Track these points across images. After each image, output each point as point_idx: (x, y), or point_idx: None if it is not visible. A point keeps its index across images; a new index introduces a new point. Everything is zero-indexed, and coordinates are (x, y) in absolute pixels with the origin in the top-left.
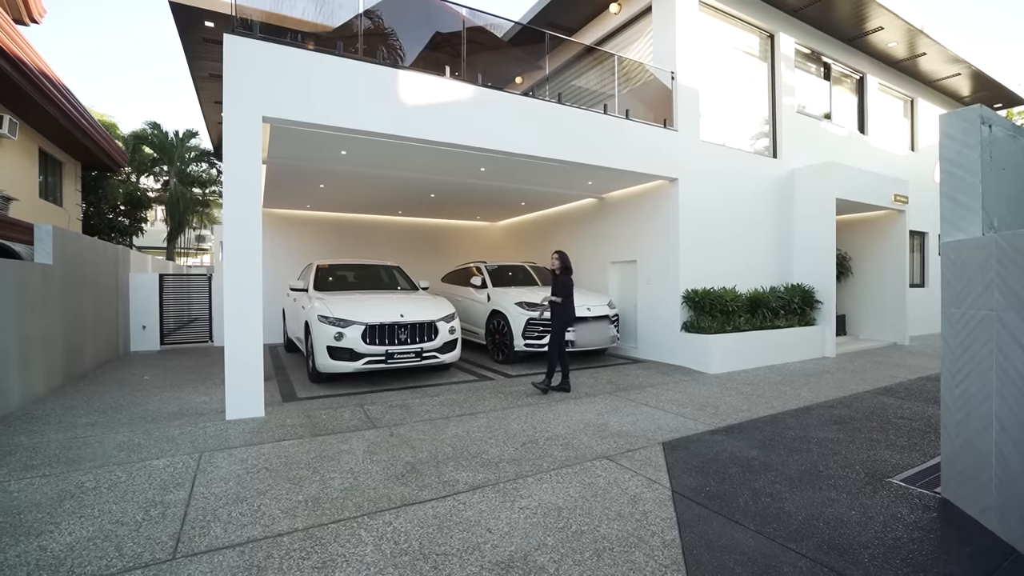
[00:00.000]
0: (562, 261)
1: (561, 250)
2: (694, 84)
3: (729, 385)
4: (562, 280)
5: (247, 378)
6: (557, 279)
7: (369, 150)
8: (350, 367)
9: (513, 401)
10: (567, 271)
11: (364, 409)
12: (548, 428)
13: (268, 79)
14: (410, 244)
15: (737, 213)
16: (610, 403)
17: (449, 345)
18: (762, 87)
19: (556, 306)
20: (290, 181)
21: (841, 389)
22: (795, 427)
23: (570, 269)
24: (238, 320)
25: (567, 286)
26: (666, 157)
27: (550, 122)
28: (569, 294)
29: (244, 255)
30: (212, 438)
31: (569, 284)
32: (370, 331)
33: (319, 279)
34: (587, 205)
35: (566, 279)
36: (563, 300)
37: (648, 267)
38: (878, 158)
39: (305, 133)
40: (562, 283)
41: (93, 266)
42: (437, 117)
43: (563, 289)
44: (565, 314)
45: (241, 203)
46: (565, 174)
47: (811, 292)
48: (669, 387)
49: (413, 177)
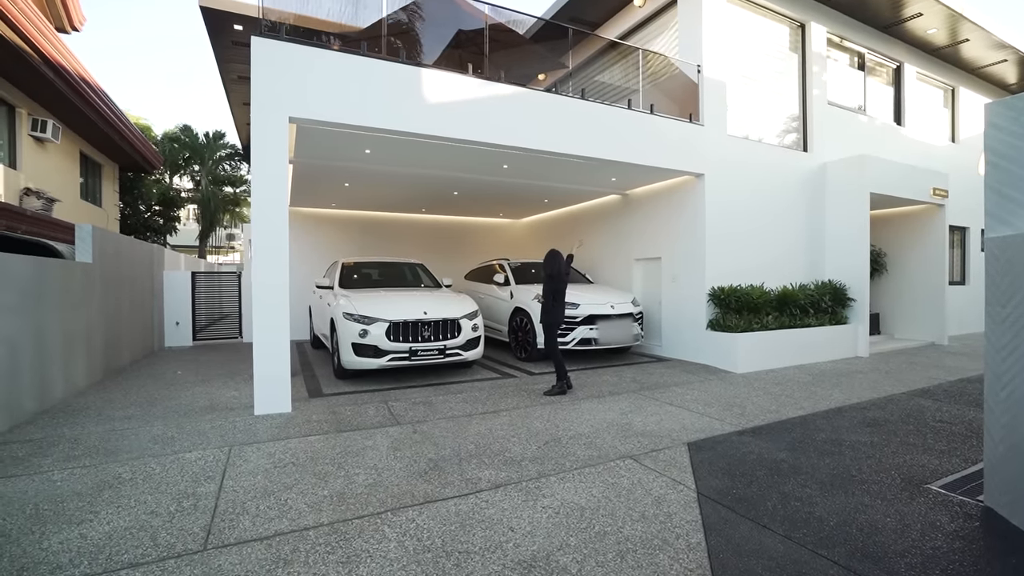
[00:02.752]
0: (544, 264)
1: (554, 249)
2: (721, 77)
3: (756, 385)
4: (544, 284)
5: (275, 375)
6: (544, 278)
7: (393, 149)
8: (374, 364)
9: (535, 400)
10: (551, 278)
11: (388, 406)
12: (571, 427)
13: (294, 80)
14: (434, 242)
15: (765, 208)
16: (634, 402)
17: (472, 343)
18: (792, 79)
19: (545, 307)
20: (316, 180)
21: (874, 390)
22: (826, 429)
23: (555, 271)
24: (266, 318)
25: (548, 290)
26: (692, 152)
27: (573, 118)
28: (557, 295)
29: (272, 253)
30: (241, 432)
31: (549, 287)
32: (394, 328)
33: (344, 276)
34: (611, 202)
35: (545, 283)
36: (551, 300)
37: (673, 264)
38: (915, 150)
39: (330, 133)
40: (544, 286)
41: (130, 264)
42: (460, 115)
43: (547, 291)
44: (551, 314)
45: (269, 203)
46: (588, 170)
47: (843, 289)
48: (694, 386)
49: (436, 175)
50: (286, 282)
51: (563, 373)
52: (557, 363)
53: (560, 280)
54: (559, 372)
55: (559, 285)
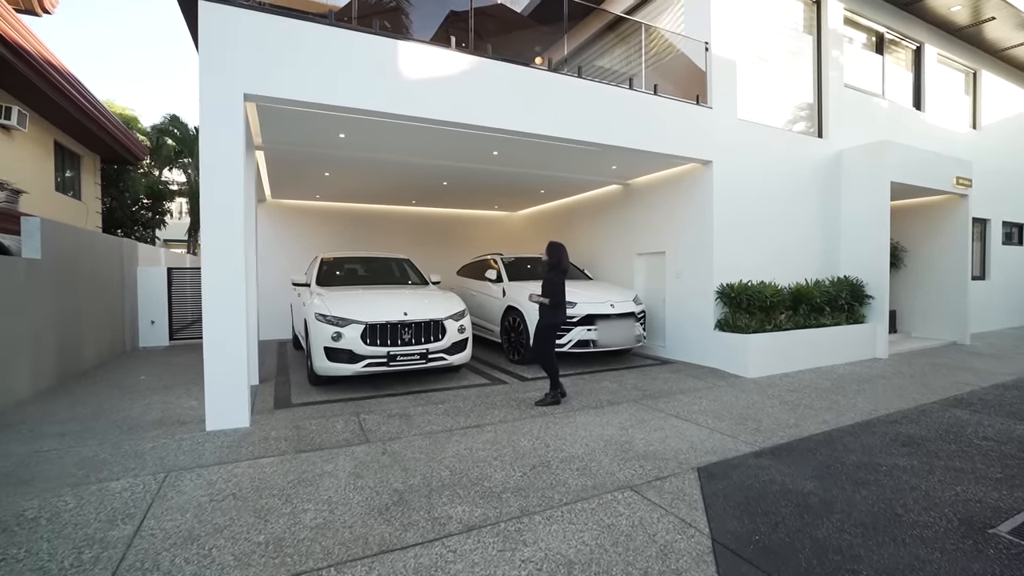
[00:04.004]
0: (550, 255)
1: (556, 241)
2: (731, 55)
3: (770, 392)
4: (550, 279)
5: (230, 385)
6: (545, 277)
7: (370, 133)
8: (349, 370)
9: (525, 411)
10: (557, 268)
11: (359, 419)
12: (563, 446)
13: (250, 52)
14: (425, 235)
15: (777, 198)
16: (635, 414)
17: (458, 345)
18: (806, 60)
19: (543, 306)
20: (292, 169)
21: (902, 398)
22: (856, 449)
23: (561, 266)
24: (218, 321)
25: (556, 286)
26: (699, 137)
27: (568, 99)
28: (559, 295)
29: (225, 248)
30: (185, 454)
31: (559, 284)
32: (370, 331)
33: (323, 273)
34: (611, 192)
35: (555, 278)
36: (552, 301)
37: (678, 259)
38: (936, 137)
39: (297, 113)
40: (550, 282)
41: (93, 260)
42: (442, 94)
43: (551, 289)
44: (554, 315)
45: (220, 190)
46: (587, 158)
47: (860, 286)
48: (702, 394)
49: (421, 163)
50: (241, 281)
51: (557, 381)
52: (550, 370)
53: (563, 275)
54: (552, 380)
55: (561, 280)
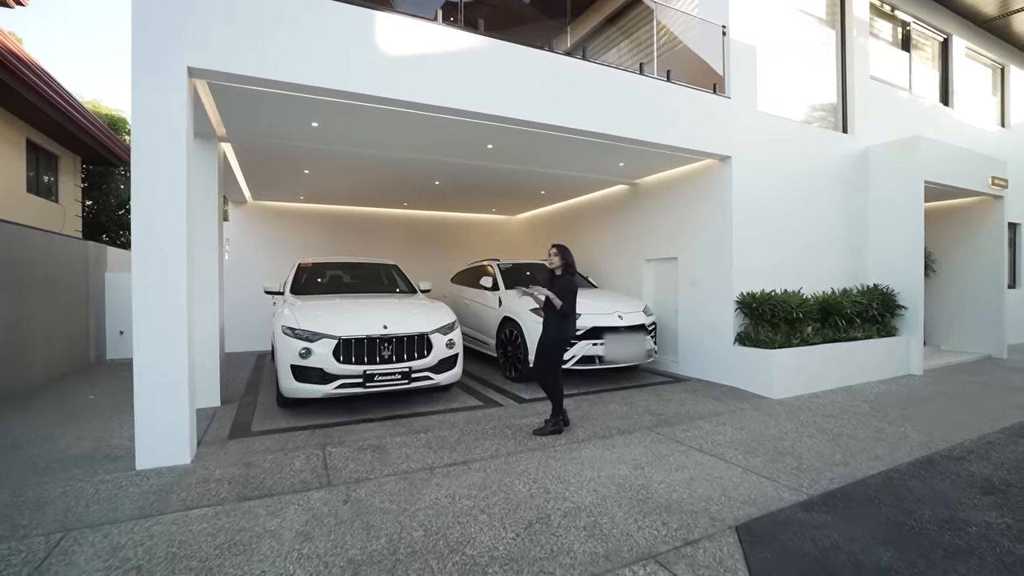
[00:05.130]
0: (563, 256)
1: (560, 243)
2: (750, 41)
3: (803, 417)
4: (564, 281)
5: (168, 414)
6: (557, 280)
7: (346, 121)
8: (319, 392)
9: (522, 442)
10: (571, 270)
11: (325, 453)
12: (566, 491)
13: (195, 15)
14: (418, 240)
15: (799, 199)
16: (651, 446)
17: (447, 363)
18: (829, 50)
19: (552, 316)
20: (266, 165)
21: (958, 427)
22: (928, 499)
23: (574, 268)
24: (151, 340)
25: (572, 293)
26: (716, 131)
27: (569, 83)
28: (574, 301)
29: (161, 253)
30: (99, 503)
31: (573, 287)
32: (344, 346)
33: (299, 280)
34: (617, 193)
35: (570, 284)
36: (563, 307)
37: (692, 266)
38: (965, 134)
39: (258, 96)
40: (565, 284)
41: (49, 264)
42: (426, 74)
43: (568, 293)
44: (564, 328)
45: (155, 185)
46: (591, 153)
47: (892, 295)
48: (725, 420)
49: (409, 158)
50: (182, 291)
51: (561, 406)
52: (553, 393)
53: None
54: (555, 405)
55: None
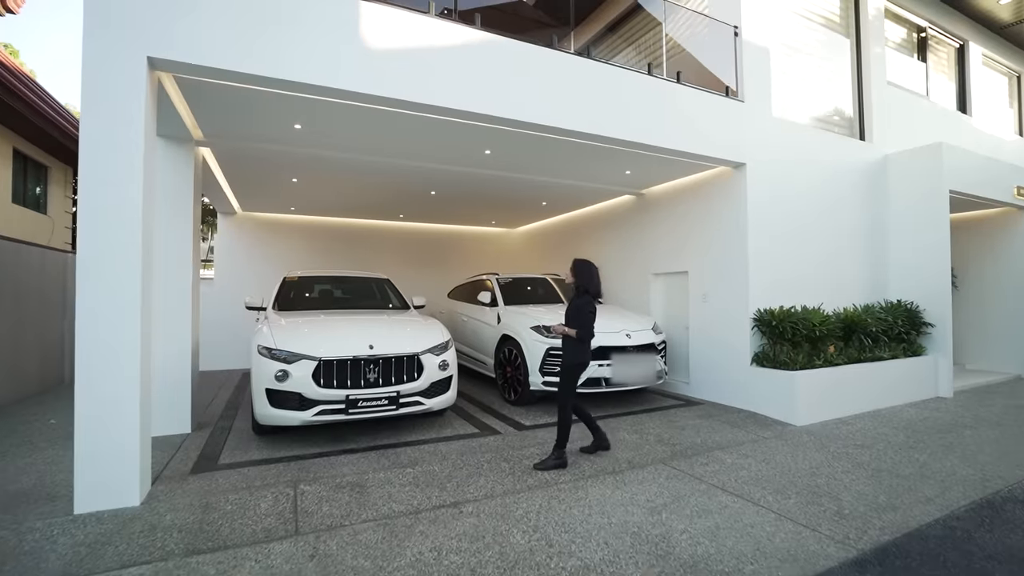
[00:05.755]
0: (577, 275)
1: (583, 259)
2: (763, 43)
3: (833, 448)
4: (577, 306)
5: (114, 446)
6: (572, 303)
7: (331, 122)
8: (296, 419)
9: (521, 479)
10: (586, 292)
11: (297, 492)
12: (572, 543)
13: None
14: (416, 254)
15: (817, 209)
16: (667, 485)
17: (439, 386)
18: (843, 54)
19: (569, 341)
20: (250, 172)
21: (1009, 459)
22: (1001, 555)
23: (592, 289)
24: (96, 361)
25: (585, 315)
26: (729, 136)
27: (573, 83)
28: (588, 326)
29: (111, 253)
30: (18, 559)
31: (589, 313)
32: (325, 368)
33: (284, 295)
34: (623, 204)
35: (584, 304)
36: (580, 333)
37: (703, 280)
38: (984, 143)
39: (233, 93)
40: (577, 310)
41: (17, 276)
42: (419, 71)
43: (579, 318)
44: (580, 354)
45: (110, 180)
46: (595, 160)
47: (917, 311)
48: (747, 451)
49: (402, 166)
50: (135, 305)
51: (566, 439)
52: (563, 425)
53: (593, 301)
54: (561, 437)
55: (591, 308)
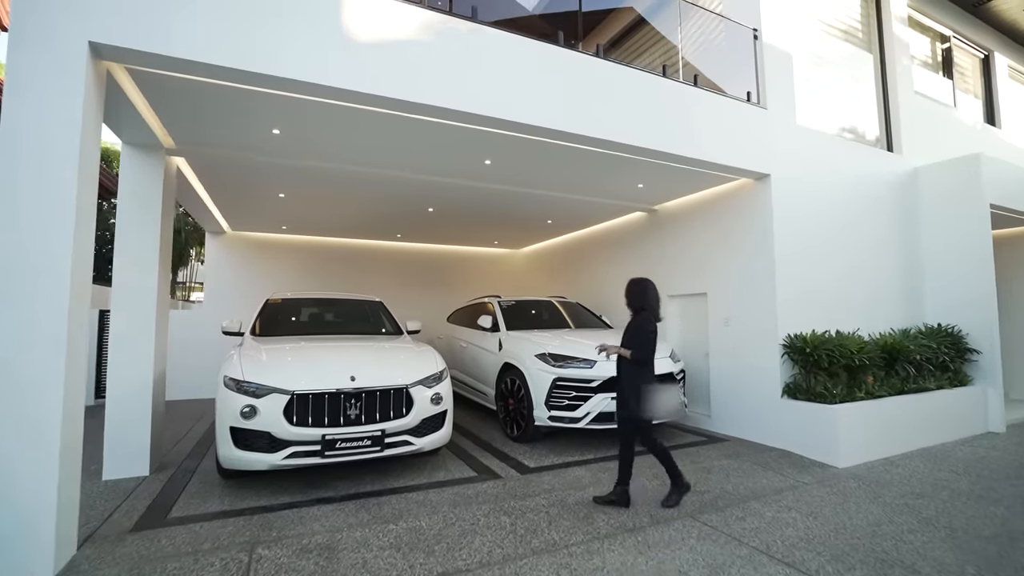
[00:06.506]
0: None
1: (637, 278)
2: (786, 47)
3: (888, 497)
4: (637, 323)
5: (25, 500)
6: (631, 322)
7: (313, 125)
8: (263, 462)
9: (525, 539)
10: (642, 309)
11: (252, 558)
12: None
13: None
14: (415, 276)
15: (846, 226)
16: (699, 547)
17: (431, 423)
18: (866, 60)
19: (626, 364)
20: (234, 186)
21: None
22: None
23: (648, 305)
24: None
25: (646, 334)
26: (752, 145)
27: (580, 83)
28: (646, 345)
29: (26, 263)
30: None
31: (650, 332)
32: (299, 404)
33: (265, 319)
34: (634, 222)
35: (645, 323)
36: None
37: (725, 302)
38: (1014, 157)
39: (198, 90)
40: (636, 328)
41: None
42: (407, 66)
43: (637, 336)
44: (642, 378)
45: (34, 180)
46: (605, 171)
47: (960, 337)
48: (789, 501)
49: (395, 178)
50: (61, 312)
51: (628, 476)
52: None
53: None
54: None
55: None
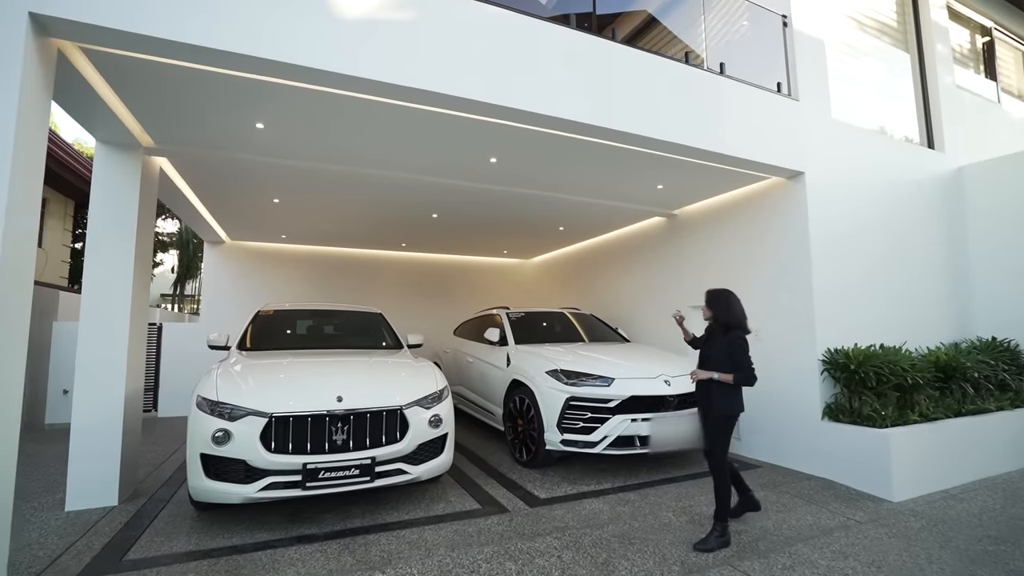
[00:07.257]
0: (713, 308)
1: (718, 288)
2: (818, 34)
3: (960, 541)
4: (730, 342)
5: None
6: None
7: (300, 118)
8: (237, 495)
9: None
10: (728, 325)
11: None
12: None
13: None
14: (422, 287)
15: (886, 230)
16: None
17: (429, 449)
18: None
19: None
20: (225, 191)
21: None
22: None
23: (734, 320)
24: None
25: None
26: (784, 140)
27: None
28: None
29: None
30: None
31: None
32: (278, 427)
33: (254, 332)
34: (652, 228)
35: (738, 338)
36: (738, 377)
37: (754, 313)
38: None
39: (163, 72)
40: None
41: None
42: (400, 48)
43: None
44: (738, 403)
45: None
46: (622, 170)
47: (1019, 352)
48: (840, 544)
49: (395, 180)
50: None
51: (727, 508)
52: (721, 493)
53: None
54: (720, 508)
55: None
